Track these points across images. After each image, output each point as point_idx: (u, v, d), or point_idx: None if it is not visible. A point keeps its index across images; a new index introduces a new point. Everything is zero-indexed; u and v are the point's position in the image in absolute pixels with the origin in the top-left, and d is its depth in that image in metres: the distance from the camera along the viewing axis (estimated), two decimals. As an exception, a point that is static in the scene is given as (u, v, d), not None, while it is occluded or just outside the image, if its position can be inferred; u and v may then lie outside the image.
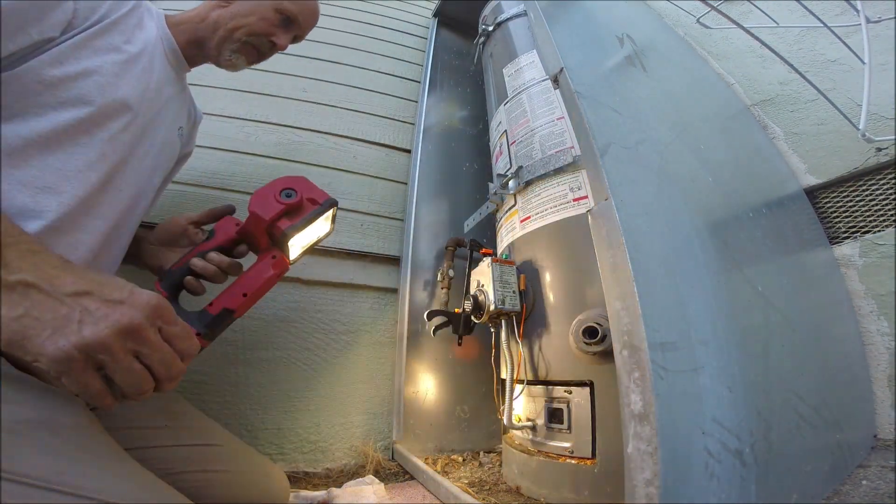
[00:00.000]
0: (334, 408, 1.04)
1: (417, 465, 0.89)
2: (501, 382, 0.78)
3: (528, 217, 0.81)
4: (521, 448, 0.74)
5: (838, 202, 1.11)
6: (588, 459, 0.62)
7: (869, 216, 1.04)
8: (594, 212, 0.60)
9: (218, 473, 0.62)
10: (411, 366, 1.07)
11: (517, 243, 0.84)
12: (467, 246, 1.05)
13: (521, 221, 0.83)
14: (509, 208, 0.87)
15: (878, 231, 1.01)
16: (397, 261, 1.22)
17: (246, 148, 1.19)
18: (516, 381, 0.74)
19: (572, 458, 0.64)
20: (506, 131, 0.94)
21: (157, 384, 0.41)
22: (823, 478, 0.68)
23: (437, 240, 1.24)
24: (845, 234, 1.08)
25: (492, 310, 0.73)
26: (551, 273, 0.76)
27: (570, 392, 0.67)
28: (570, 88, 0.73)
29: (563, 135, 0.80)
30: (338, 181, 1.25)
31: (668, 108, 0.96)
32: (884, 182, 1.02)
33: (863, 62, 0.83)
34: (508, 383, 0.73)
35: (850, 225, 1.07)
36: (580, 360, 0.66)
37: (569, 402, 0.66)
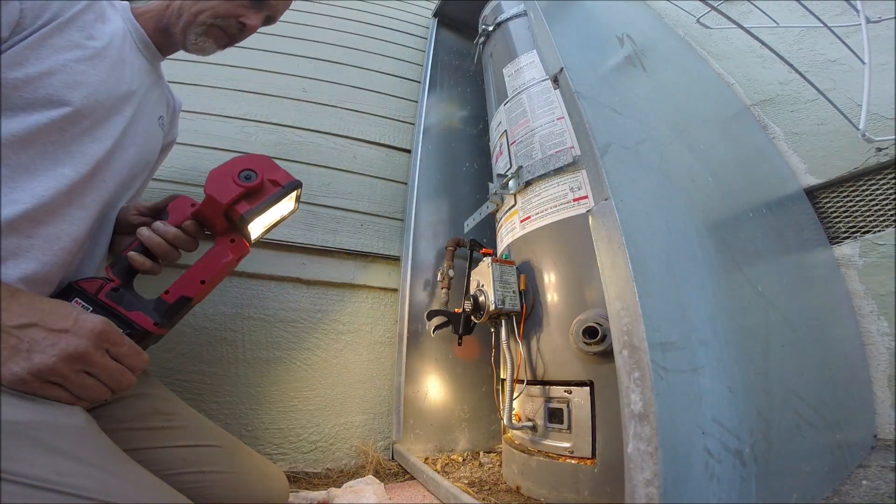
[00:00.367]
0: (334, 408, 1.04)
1: (417, 465, 0.89)
2: (501, 382, 0.78)
3: (529, 217, 0.81)
4: (521, 448, 0.74)
5: (838, 202, 1.11)
6: (588, 459, 0.62)
7: (869, 216, 1.04)
8: (594, 212, 0.60)
9: (217, 474, 0.62)
10: (411, 366, 1.07)
11: (517, 243, 0.84)
12: (467, 246, 1.05)
13: (522, 221, 0.83)
14: (509, 208, 0.87)
15: (878, 231, 1.01)
16: (397, 261, 1.22)
17: (246, 148, 1.19)
18: (516, 381, 0.74)
19: (572, 458, 0.64)
20: (506, 131, 0.94)
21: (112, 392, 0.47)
22: (823, 478, 0.68)
23: (437, 240, 1.24)
24: (845, 234, 1.08)
25: (492, 310, 0.73)
26: (551, 273, 0.76)
27: (570, 392, 0.67)
28: (570, 88, 0.73)
29: (563, 135, 0.80)
30: (338, 181, 1.25)
31: (668, 107, 0.96)
32: (884, 182, 1.02)
33: (863, 62, 0.83)
34: (508, 383, 0.73)
35: (850, 225, 1.07)
36: (580, 360, 0.66)
37: (569, 402, 0.66)
